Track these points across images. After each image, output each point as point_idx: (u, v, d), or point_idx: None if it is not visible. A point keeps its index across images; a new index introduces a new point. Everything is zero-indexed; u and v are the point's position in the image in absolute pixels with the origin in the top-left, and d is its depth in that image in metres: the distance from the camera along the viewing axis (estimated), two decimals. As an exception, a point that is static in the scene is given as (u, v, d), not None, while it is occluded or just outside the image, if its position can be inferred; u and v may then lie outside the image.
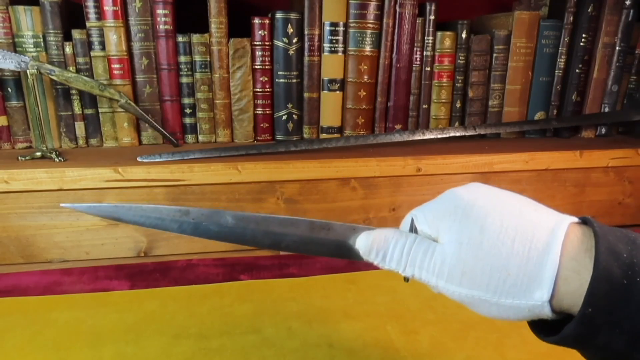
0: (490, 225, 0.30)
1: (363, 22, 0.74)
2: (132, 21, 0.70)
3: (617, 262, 0.27)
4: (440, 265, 0.31)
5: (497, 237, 0.30)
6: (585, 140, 0.84)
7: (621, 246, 0.28)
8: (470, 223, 0.31)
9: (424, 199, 0.77)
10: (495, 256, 0.29)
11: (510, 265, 0.29)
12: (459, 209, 0.32)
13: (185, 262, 0.64)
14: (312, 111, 0.79)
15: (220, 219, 0.33)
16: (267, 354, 0.46)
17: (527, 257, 0.29)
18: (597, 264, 0.27)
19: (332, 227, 0.34)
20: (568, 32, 0.80)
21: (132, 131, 0.75)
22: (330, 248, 0.34)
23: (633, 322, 0.26)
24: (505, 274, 0.29)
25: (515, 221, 0.30)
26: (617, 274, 0.27)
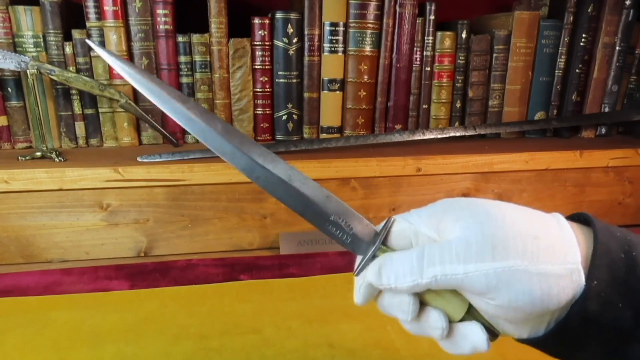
0: (502, 205, 0.30)
1: (363, 22, 0.74)
2: (132, 21, 0.70)
3: (613, 237, 0.28)
4: (465, 248, 0.28)
5: (512, 210, 0.29)
6: (585, 140, 0.84)
7: (614, 229, 0.29)
8: (480, 206, 0.30)
9: (424, 199, 0.77)
10: (519, 222, 0.28)
11: (535, 229, 0.28)
12: (461, 201, 0.31)
13: (185, 262, 0.64)
14: (312, 111, 0.79)
15: (210, 120, 0.32)
16: (267, 354, 0.46)
17: (546, 224, 0.28)
18: (597, 238, 0.28)
19: (308, 183, 0.33)
20: (568, 32, 0.80)
21: (132, 131, 0.75)
22: (297, 201, 0.32)
23: (635, 296, 0.26)
24: (535, 238, 0.27)
25: (518, 207, 0.30)
26: (615, 248, 0.27)
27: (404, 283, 0.29)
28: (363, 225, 0.32)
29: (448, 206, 0.31)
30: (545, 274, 0.26)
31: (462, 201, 0.31)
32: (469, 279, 0.27)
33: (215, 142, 0.32)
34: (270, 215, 0.68)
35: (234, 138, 0.32)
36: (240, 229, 0.68)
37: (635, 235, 0.29)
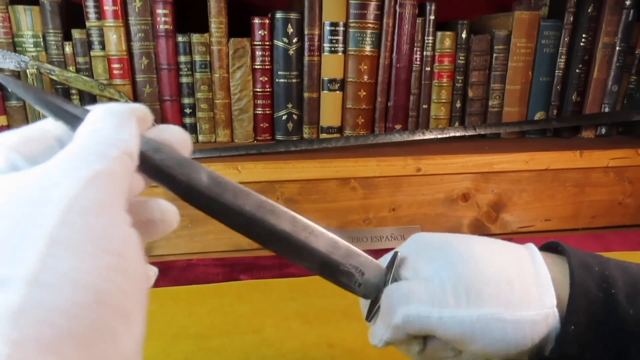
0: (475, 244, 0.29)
1: (363, 22, 0.74)
2: (132, 21, 0.70)
3: (591, 274, 0.27)
4: (440, 291, 0.27)
5: (485, 249, 0.28)
6: (585, 140, 0.84)
7: (590, 260, 0.28)
8: (454, 245, 0.29)
9: (424, 199, 0.77)
10: (493, 265, 0.27)
11: (509, 273, 0.27)
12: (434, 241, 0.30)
13: (185, 262, 0.64)
14: (312, 111, 0.78)
15: (192, 172, 0.26)
16: (267, 354, 0.46)
17: (520, 265, 0.27)
18: (573, 278, 0.27)
19: (315, 232, 0.28)
20: (568, 32, 0.80)
21: (132, 131, 0.75)
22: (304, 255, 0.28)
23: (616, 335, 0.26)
24: (509, 283, 0.26)
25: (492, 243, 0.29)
26: (593, 288, 0.26)
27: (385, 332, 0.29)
28: (373, 266, 0.30)
29: (421, 246, 0.30)
30: (519, 321, 0.26)
31: (435, 240, 0.30)
32: (443, 325, 0.27)
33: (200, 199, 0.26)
34: (270, 215, 0.68)
35: (225, 192, 0.26)
36: (240, 229, 0.68)
37: (613, 264, 0.28)
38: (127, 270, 0.18)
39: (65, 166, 0.19)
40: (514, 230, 0.76)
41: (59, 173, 0.18)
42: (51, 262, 0.16)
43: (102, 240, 0.18)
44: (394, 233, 0.71)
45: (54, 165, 0.19)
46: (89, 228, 0.17)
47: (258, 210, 0.27)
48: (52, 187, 0.18)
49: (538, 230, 0.77)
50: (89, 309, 0.16)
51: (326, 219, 0.70)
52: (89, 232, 0.17)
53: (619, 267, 0.28)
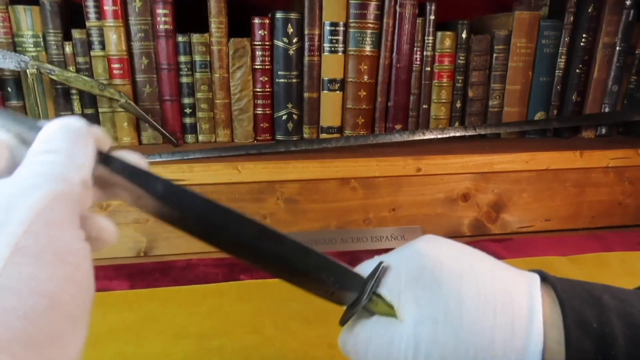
0: (467, 293, 0.26)
1: (363, 22, 0.74)
2: (132, 21, 0.70)
3: (589, 335, 0.25)
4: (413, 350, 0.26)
5: (477, 309, 0.26)
6: (585, 140, 0.84)
7: (588, 312, 0.26)
8: (444, 293, 0.26)
9: (424, 199, 0.77)
10: (479, 334, 0.25)
11: (495, 342, 0.25)
12: (426, 273, 0.27)
13: (185, 262, 0.64)
14: (312, 111, 0.78)
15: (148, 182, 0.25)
16: (267, 354, 0.46)
17: (512, 331, 0.25)
18: (569, 340, 0.25)
19: (283, 241, 0.28)
20: (568, 32, 0.80)
21: (132, 131, 0.75)
22: (270, 264, 0.28)
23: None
24: (491, 355, 0.25)
25: (491, 284, 0.26)
26: (591, 350, 0.25)
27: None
28: (349, 277, 0.29)
29: (417, 270, 0.28)
30: None
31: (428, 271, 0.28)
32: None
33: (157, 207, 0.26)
34: (270, 215, 0.68)
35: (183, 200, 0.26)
36: (240, 229, 0.68)
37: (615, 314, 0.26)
38: (80, 281, 0.20)
39: (33, 181, 0.20)
40: (514, 230, 0.76)
41: (27, 186, 0.20)
42: (13, 269, 0.17)
43: (62, 252, 0.19)
44: (394, 233, 0.71)
45: (22, 178, 0.20)
46: (51, 239, 0.19)
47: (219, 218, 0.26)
48: (22, 196, 0.19)
49: (538, 230, 0.77)
50: (44, 315, 0.17)
51: (326, 219, 0.70)
52: (51, 243, 0.19)
53: (621, 318, 0.25)
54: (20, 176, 0.21)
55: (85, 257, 0.21)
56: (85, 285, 0.20)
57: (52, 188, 0.20)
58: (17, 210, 0.18)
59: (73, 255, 0.20)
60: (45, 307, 0.18)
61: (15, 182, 0.20)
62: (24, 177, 0.21)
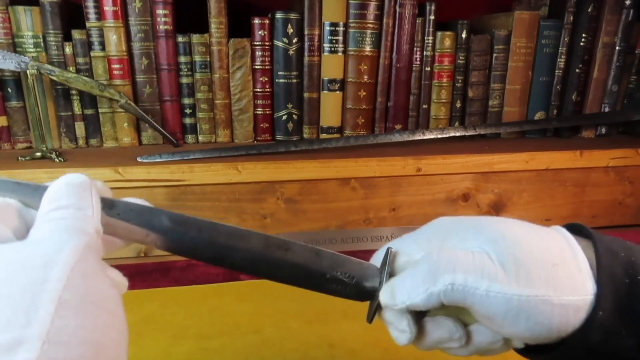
0: (508, 223, 0.28)
1: (363, 22, 0.74)
2: (132, 21, 0.70)
3: (617, 260, 0.26)
4: (489, 262, 0.26)
5: (523, 230, 0.27)
6: (585, 140, 0.84)
7: (616, 246, 0.27)
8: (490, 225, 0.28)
9: (424, 199, 0.77)
10: (536, 246, 0.26)
11: (553, 255, 0.26)
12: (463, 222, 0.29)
13: (185, 262, 0.64)
14: (312, 111, 0.78)
15: (153, 218, 0.26)
16: (267, 354, 0.46)
17: (560, 248, 0.27)
18: (600, 263, 0.26)
19: (291, 247, 0.28)
20: (568, 32, 0.80)
21: (132, 131, 0.75)
22: (286, 271, 0.28)
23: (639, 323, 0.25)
24: (555, 266, 0.26)
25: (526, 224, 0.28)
26: (619, 273, 0.26)
27: (417, 296, 0.26)
28: (363, 269, 0.29)
29: (449, 227, 0.29)
30: (566, 305, 0.25)
31: (463, 220, 0.29)
32: (489, 299, 0.25)
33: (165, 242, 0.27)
34: (270, 215, 0.68)
35: (189, 229, 0.27)
36: (240, 229, 0.68)
37: (638, 250, 0.28)
38: (118, 326, 0.21)
39: (59, 238, 0.22)
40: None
41: (56, 243, 0.21)
42: (60, 322, 0.18)
43: (99, 301, 0.20)
44: (394, 233, 0.71)
45: (46, 236, 0.22)
46: (88, 290, 0.20)
47: (227, 239, 0.27)
48: (55, 253, 0.20)
49: (538, 230, 0.76)
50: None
51: (326, 219, 0.70)
52: (89, 294, 0.20)
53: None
54: (43, 234, 0.22)
55: (118, 302, 0.22)
56: (122, 329, 0.21)
57: (78, 241, 0.22)
58: (54, 267, 0.20)
59: (109, 302, 0.21)
60: (92, 355, 0.19)
61: (42, 241, 0.22)
62: (48, 235, 0.22)
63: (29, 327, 0.18)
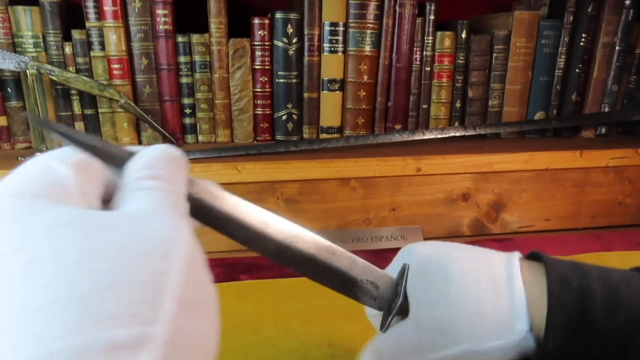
0: (452, 273, 0.29)
1: (363, 22, 0.74)
2: (132, 21, 0.70)
3: (569, 290, 0.27)
4: (418, 335, 0.29)
5: (462, 282, 0.29)
6: (585, 140, 0.84)
7: (570, 274, 0.28)
8: (433, 278, 0.30)
9: (424, 199, 0.77)
10: (467, 300, 0.28)
11: (483, 305, 0.28)
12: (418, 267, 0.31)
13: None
14: (312, 111, 0.78)
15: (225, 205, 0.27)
16: (267, 354, 0.46)
17: (496, 292, 0.28)
18: (551, 293, 0.27)
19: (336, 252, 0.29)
20: (568, 32, 0.80)
21: (132, 131, 0.75)
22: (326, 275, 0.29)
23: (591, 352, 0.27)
24: (482, 316, 0.28)
25: (473, 263, 0.30)
26: (570, 303, 0.27)
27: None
28: (385, 279, 0.31)
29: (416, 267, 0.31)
30: (493, 350, 0.28)
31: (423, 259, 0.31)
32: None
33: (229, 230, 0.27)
34: (270, 215, 0.68)
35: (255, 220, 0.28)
36: (240, 229, 0.68)
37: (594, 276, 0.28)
38: (218, 327, 0.19)
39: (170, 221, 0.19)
40: (514, 230, 0.76)
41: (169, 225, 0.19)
42: (180, 323, 0.17)
43: (209, 303, 0.19)
44: (394, 233, 0.71)
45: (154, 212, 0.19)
46: (201, 290, 0.18)
47: (286, 236, 0.28)
48: (173, 240, 0.18)
49: (538, 230, 0.77)
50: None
51: (326, 219, 0.70)
52: (202, 293, 0.18)
53: (600, 279, 0.28)
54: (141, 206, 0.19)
55: (218, 301, 0.20)
56: (219, 329, 0.20)
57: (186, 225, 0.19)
58: (174, 257, 0.18)
59: (214, 303, 0.19)
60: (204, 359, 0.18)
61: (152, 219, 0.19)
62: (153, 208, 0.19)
63: (153, 325, 0.16)
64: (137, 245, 0.17)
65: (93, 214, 0.18)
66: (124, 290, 0.16)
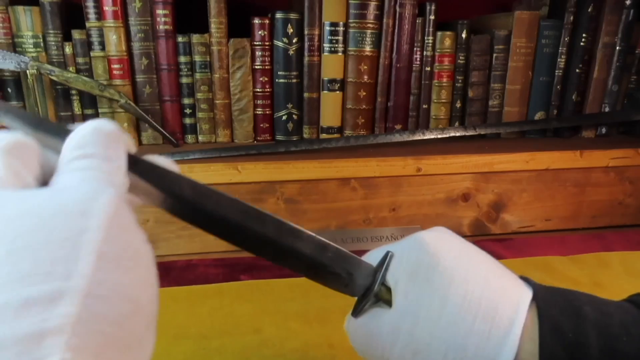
0: (453, 296, 0.27)
1: (363, 22, 0.74)
2: (132, 21, 0.70)
3: (562, 344, 0.26)
4: (392, 337, 0.28)
5: (458, 313, 0.27)
6: (586, 140, 0.84)
7: (566, 322, 0.26)
8: (431, 292, 0.28)
9: (424, 199, 0.77)
10: (453, 335, 0.26)
11: (468, 345, 0.26)
12: (421, 269, 0.28)
13: (185, 262, 0.64)
14: (312, 111, 0.78)
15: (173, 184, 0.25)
16: (267, 354, 0.46)
17: (488, 337, 0.26)
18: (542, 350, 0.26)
19: (301, 236, 0.28)
20: (568, 32, 0.79)
21: (132, 131, 0.75)
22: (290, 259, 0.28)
23: None
24: (462, 354, 0.26)
25: (480, 292, 0.27)
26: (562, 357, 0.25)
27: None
28: (362, 267, 0.30)
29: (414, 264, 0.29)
30: None
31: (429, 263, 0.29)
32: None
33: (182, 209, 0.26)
34: (270, 215, 0.68)
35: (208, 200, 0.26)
36: (240, 229, 0.68)
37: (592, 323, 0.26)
38: (152, 282, 0.20)
39: (92, 187, 0.20)
40: (515, 230, 0.76)
41: (91, 191, 0.19)
42: (101, 276, 0.17)
43: (136, 256, 0.19)
44: (394, 233, 0.71)
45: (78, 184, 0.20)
46: (126, 244, 0.19)
47: (242, 217, 0.27)
48: (92, 200, 0.19)
49: (538, 230, 0.77)
50: (130, 319, 0.18)
51: (326, 219, 0.70)
52: (127, 248, 0.19)
53: (598, 329, 0.26)
54: (71, 182, 0.20)
55: (152, 258, 0.21)
56: (156, 286, 0.20)
57: (112, 191, 0.20)
58: (93, 215, 0.18)
59: (144, 258, 0.20)
60: (131, 311, 0.18)
61: (74, 188, 0.19)
62: (77, 183, 0.20)
63: (69, 279, 0.16)
64: (55, 208, 0.18)
65: (18, 191, 0.19)
66: (40, 250, 0.16)
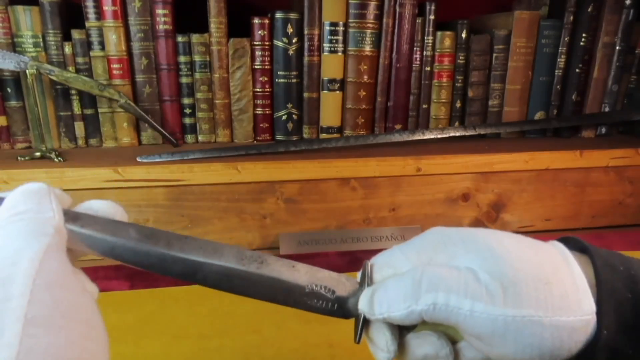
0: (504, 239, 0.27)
1: (363, 22, 0.74)
2: (132, 21, 0.70)
3: (617, 274, 0.25)
4: (473, 281, 0.25)
5: (515, 245, 0.26)
6: (586, 140, 0.84)
7: (613, 259, 0.26)
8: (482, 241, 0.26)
9: (424, 199, 0.77)
10: (528, 263, 0.25)
11: (546, 272, 0.25)
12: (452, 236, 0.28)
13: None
14: (312, 111, 0.78)
15: (118, 230, 0.25)
16: (267, 354, 0.46)
17: (555, 266, 0.25)
18: (599, 278, 0.25)
19: (266, 260, 0.27)
20: (568, 32, 0.79)
21: (132, 131, 0.75)
22: (262, 286, 0.27)
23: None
24: (547, 284, 0.24)
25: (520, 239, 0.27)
26: (621, 288, 0.25)
27: (396, 311, 0.26)
28: (343, 283, 0.28)
29: (439, 241, 0.28)
30: (559, 326, 0.24)
31: (454, 234, 0.28)
32: (474, 319, 0.24)
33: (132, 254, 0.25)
34: (270, 215, 0.68)
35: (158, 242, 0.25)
36: (240, 229, 0.68)
37: (636, 262, 0.26)
38: (95, 335, 0.19)
39: (15, 245, 0.19)
40: (514, 230, 0.76)
41: (12, 252, 0.19)
42: (30, 342, 0.16)
43: (70, 312, 0.18)
44: (394, 233, 0.71)
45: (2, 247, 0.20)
46: (56, 302, 0.18)
47: (198, 252, 0.26)
48: (13, 265, 0.18)
49: (538, 230, 0.77)
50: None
51: (326, 219, 0.70)
52: (57, 306, 0.18)
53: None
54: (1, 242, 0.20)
55: (92, 308, 0.20)
56: (100, 338, 0.20)
57: (36, 246, 0.19)
58: (14, 281, 0.18)
59: (81, 311, 0.19)
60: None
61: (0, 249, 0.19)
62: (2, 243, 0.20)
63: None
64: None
65: None
66: None
